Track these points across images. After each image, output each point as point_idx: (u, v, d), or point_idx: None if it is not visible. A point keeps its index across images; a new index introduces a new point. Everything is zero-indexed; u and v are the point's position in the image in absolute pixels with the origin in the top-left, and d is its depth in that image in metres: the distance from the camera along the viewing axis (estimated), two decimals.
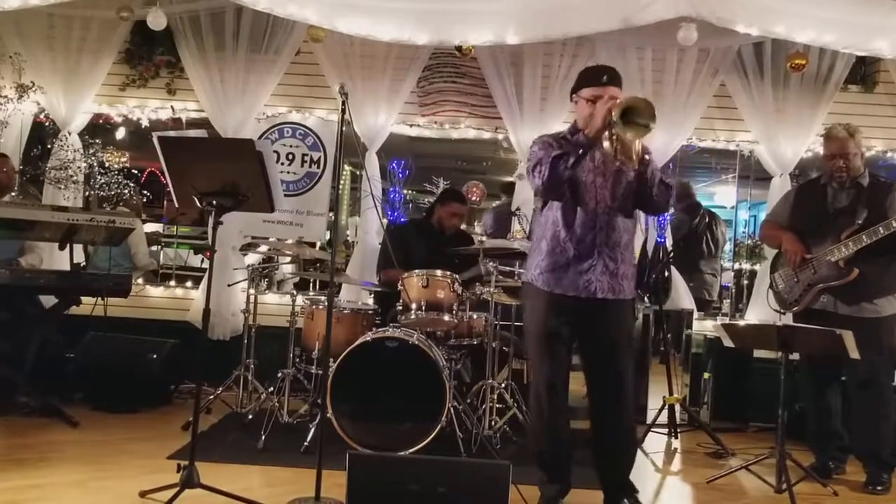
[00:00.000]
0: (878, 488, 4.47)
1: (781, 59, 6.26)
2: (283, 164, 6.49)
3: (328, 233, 6.98)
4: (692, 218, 7.18)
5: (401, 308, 4.87)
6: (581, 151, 3.47)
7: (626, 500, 3.70)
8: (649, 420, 5.56)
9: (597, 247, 3.58)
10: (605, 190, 3.59)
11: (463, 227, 6.22)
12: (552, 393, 3.68)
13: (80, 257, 5.34)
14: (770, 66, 6.33)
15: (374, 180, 6.26)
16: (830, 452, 4.77)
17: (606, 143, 3.40)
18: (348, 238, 8.74)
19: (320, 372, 4.83)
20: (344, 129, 3.81)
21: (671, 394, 5.55)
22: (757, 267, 7.16)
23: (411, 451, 4.23)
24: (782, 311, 4.87)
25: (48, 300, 5.42)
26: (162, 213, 7.38)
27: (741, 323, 5.93)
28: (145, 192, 7.02)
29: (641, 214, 4.45)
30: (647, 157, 3.44)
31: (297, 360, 5.17)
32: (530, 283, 3.75)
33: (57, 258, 5.58)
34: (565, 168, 3.45)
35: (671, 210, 6.67)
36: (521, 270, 5.34)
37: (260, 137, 6.42)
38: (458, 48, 6.19)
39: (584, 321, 3.65)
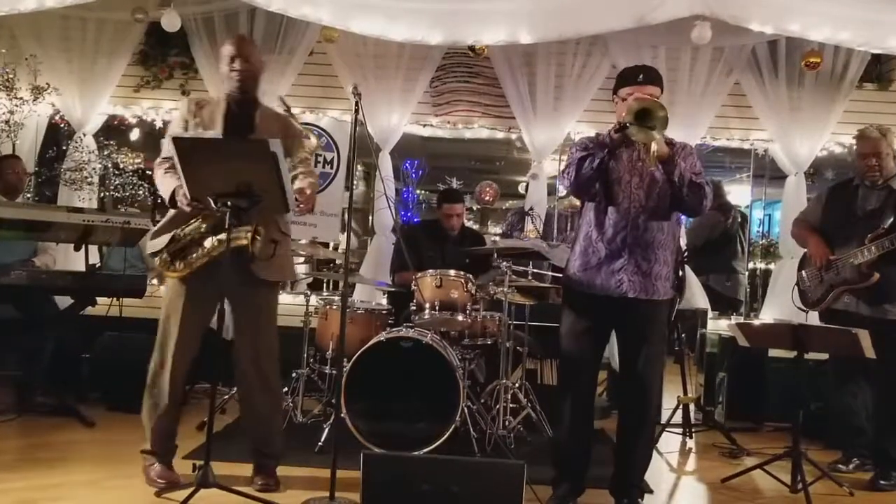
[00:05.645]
0: (882, 483, 4.45)
1: (796, 57, 6.24)
2: None
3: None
4: (726, 217, 7.08)
5: (414, 308, 4.87)
6: (606, 151, 3.47)
7: (625, 501, 3.69)
8: (664, 420, 5.53)
9: (628, 246, 3.56)
10: (640, 190, 3.58)
11: (476, 226, 6.21)
12: (577, 392, 3.69)
13: (94, 258, 5.36)
14: (785, 65, 6.31)
15: (388, 180, 6.26)
16: (856, 450, 4.76)
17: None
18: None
19: (334, 372, 4.84)
20: (357, 129, 3.82)
21: (686, 393, 5.53)
22: (772, 266, 7.11)
23: (425, 450, 4.22)
24: (805, 309, 4.91)
25: (64, 301, 5.45)
26: None
27: (756, 322, 5.90)
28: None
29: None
30: (676, 158, 3.44)
31: (311, 360, 5.18)
32: (566, 283, 3.77)
33: (72, 259, 5.61)
34: (589, 168, 3.47)
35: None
36: (535, 270, 5.36)
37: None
38: (472, 48, 6.19)
39: (616, 321, 3.66)
